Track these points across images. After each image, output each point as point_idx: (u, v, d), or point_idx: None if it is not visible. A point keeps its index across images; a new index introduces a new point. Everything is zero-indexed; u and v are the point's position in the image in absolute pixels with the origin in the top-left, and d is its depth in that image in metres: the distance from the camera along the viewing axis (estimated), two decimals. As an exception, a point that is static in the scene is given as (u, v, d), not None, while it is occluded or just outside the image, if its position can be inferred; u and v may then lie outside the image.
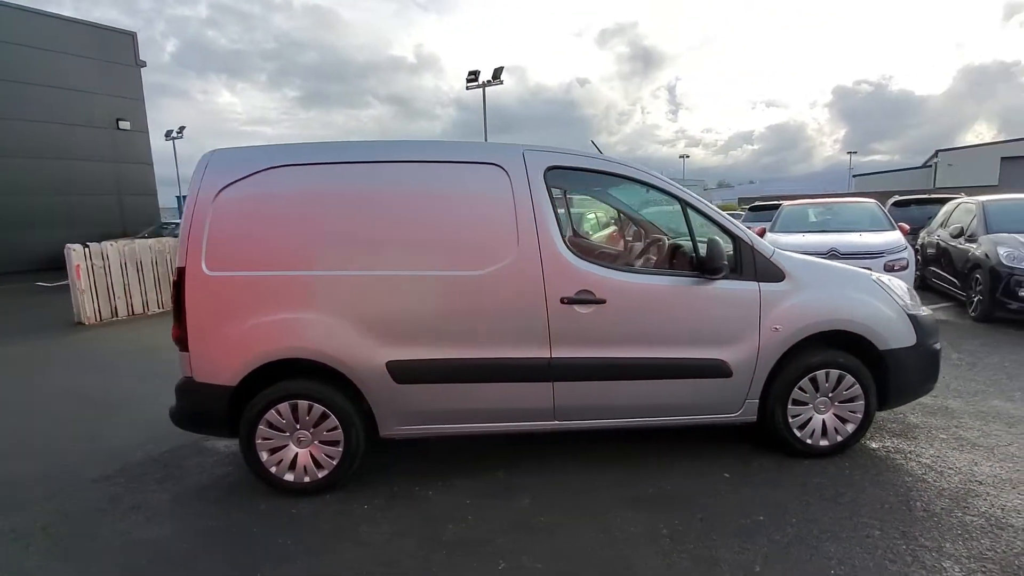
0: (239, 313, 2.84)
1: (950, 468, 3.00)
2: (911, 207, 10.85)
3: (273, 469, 2.93)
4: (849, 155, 57.18)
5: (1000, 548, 2.31)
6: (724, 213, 3.09)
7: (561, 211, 3.12)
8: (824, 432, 3.13)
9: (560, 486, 2.97)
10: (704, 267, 2.89)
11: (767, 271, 3.01)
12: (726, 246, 2.94)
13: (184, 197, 3.22)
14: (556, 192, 3.13)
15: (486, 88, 21.41)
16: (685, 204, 3.05)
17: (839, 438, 3.14)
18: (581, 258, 2.93)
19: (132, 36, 19.80)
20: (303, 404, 2.87)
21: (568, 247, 2.92)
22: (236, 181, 2.87)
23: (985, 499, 2.68)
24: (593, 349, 2.92)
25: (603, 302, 2.88)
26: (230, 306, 2.85)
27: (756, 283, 3.00)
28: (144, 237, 13.47)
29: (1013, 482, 2.83)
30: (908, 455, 3.17)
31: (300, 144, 3.00)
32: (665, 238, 3.44)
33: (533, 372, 2.90)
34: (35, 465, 3.49)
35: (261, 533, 2.66)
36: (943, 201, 9.34)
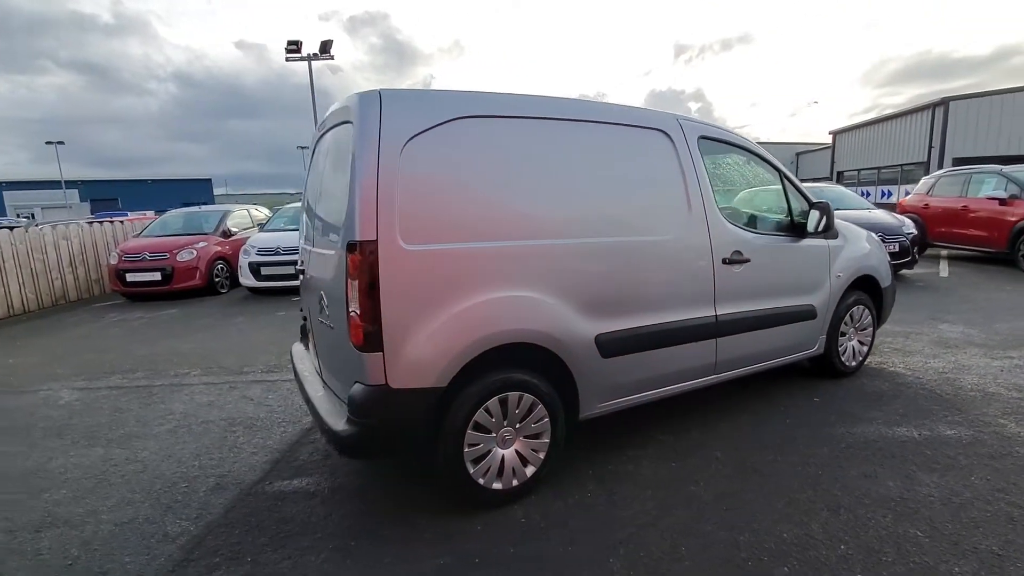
0: (448, 295, 2.29)
1: (921, 368, 4.21)
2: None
3: (481, 480, 2.46)
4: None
5: (1000, 406, 3.44)
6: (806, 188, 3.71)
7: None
8: (854, 355, 4.04)
9: (722, 433, 3.19)
10: (814, 229, 3.46)
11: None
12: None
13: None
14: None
15: (317, 65, 18.87)
16: (786, 179, 3.58)
17: (859, 358, 4.09)
18: (731, 222, 3.18)
19: None
20: (513, 396, 2.48)
21: (720, 212, 3.14)
22: (424, 131, 2.28)
23: (965, 380, 3.88)
24: (742, 304, 3.21)
25: (748, 261, 3.20)
26: (437, 288, 2.27)
27: (826, 241, 3.69)
28: None
29: (958, 368, 4.14)
30: (895, 364, 4.32)
31: (480, 93, 2.50)
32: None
33: (704, 331, 3.05)
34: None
35: (527, 550, 2.23)
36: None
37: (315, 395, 2.71)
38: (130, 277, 8.73)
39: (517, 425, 2.53)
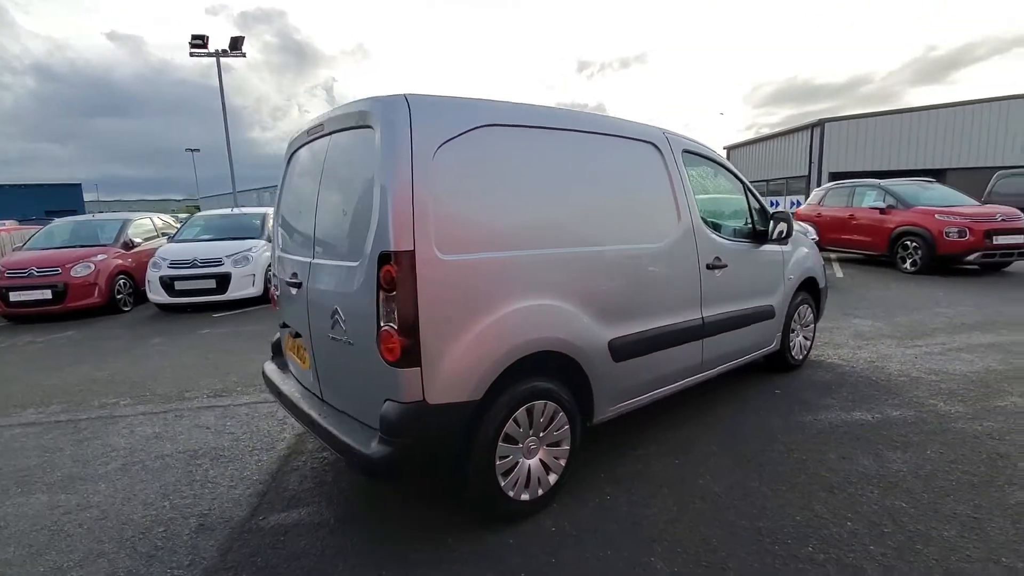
0: (482, 305, 2.25)
1: (852, 358, 4.73)
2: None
3: (511, 493, 2.43)
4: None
5: (926, 388, 3.97)
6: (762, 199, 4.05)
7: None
8: (801, 349, 4.46)
9: (708, 429, 3.39)
10: (776, 236, 3.78)
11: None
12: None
13: None
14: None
15: (207, 63, 17.29)
16: (749, 191, 3.88)
17: (804, 352, 4.52)
18: (712, 230, 3.40)
19: None
20: (539, 405, 2.48)
21: (701, 220, 3.34)
22: (452, 138, 2.23)
23: (891, 367, 4.42)
24: (721, 307, 3.43)
25: (726, 266, 3.43)
26: (471, 298, 2.22)
27: (780, 246, 4.06)
28: None
29: (882, 358, 4.70)
30: (829, 356, 4.81)
31: (498, 102, 2.47)
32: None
33: (694, 332, 3.23)
34: None
35: (567, 558, 2.23)
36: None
37: (320, 418, 2.53)
38: (14, 296, 7.57)
39: (541, 434, 2.53)
